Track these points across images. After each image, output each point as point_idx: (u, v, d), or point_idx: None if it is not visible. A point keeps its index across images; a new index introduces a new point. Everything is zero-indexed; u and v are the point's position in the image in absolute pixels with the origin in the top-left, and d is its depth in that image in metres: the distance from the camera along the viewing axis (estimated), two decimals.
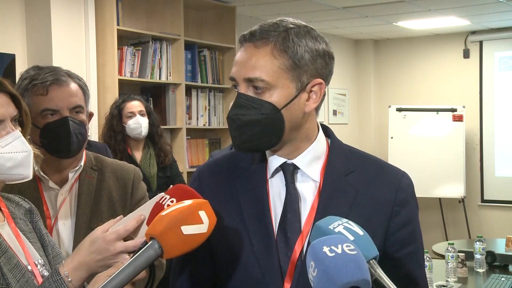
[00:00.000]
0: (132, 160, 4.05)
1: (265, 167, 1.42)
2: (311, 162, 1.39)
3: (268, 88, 1.31)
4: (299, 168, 1.39)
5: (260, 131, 1.32)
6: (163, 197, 1.34)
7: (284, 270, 1.34)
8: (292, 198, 1.37)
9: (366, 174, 1.40)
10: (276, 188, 1.40)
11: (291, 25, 1.34)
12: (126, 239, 1.40)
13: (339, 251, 1.02)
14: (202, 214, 1.20)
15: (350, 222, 1.14)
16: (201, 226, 1.19)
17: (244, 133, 1.33)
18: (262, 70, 1.31)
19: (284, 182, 1.39)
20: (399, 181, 1.40)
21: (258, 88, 1.32)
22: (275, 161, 1.40)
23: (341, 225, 1.13)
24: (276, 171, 1.41)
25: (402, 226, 1.37)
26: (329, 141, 1.45)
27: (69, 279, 1.37)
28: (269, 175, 1.41)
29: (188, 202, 1.22)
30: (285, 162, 1.39)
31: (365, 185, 1.38)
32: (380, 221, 1.35)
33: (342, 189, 1.37)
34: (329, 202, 1.36)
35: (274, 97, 1.32)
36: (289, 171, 1.39)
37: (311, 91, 1.35)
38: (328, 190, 1.37)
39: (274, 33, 1.32)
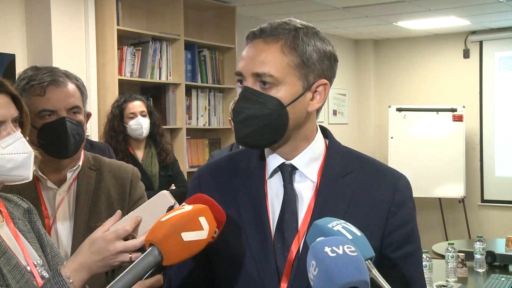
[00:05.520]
0: (133, 159, 4.08)
1: (263, 168, 1.43)
2: (309, 162, 1.40)
3: (276, 84, 1.32)
4: (297, 169, 1.40)
5: (264, 126, 1.33)
6: (183, 205, 1.32)
7: (281, 270, 1.34)
8: (289, 199, 1.38)
9: (363, 175, 1.41)
10: (275, 189, 1.41)
11: (300, 25, 1.36)
12: (127, 238, 1.40)
13: (340, 252, 1.04)
14: (203, 220, 1.20)
15: (348, 223, 1.15)
16: (201, 232, 1.18)
17: (248, 126, 1.34)
18: (271, 65, 1.32)
19: (282, 183, 1.40)
20: (396, 182, 1.41)
21: (265, 83, 1.32)
22: (273, 161, 1.41)
23: (339, 225, 1.14)
24: (274, 172, 1.41)
25: (399, 227, 1.37)
26: (327, 142, 1.46)
27: (71, 281, 1.37)
28: (267, 175, 1.42)
29: (188, 208, 1.21)
30: (284, 163, 1.40)
31: (363, 186, 1.39)
32: (377, 221, 1.36)
33: (339, 190, 1.38)
34: (326, 202, 1.36)
35: (281, 93, 1.33)
36: (287, 172, 1.40)
37: (315, 91, 1.37)
38: (325, 190, 1.38)
39: (284, 31, 1.34)
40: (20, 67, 4.16)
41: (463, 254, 3.80)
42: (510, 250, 4.23)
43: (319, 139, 1.43)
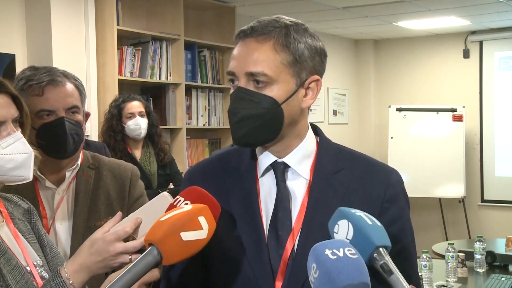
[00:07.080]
0: (132, 158, 4.09)
1: (255, 167, 1.43)
2: (301, 160, 1.40)
3: (270, 83, 1.32)
4: (289, 166, 1.40)
5: (260, 125, 1.33)
6: (177, 199, 1.33)
7: (275, 268, 1.34)
8: (283, 197, 1.38)
9: (355, 172, 1.41)
10: (267, 187, 1.41)
11: (289, 22, 1.36)
12: (127, 239, 1.40)
13: (340, 254, 1.04)
14: (202, 220, 1.19)
15: (369, 215, 1.17)
16: (200, 232, 1.18)
17: (244, 126, 1.34)
18: (264, 64, 1.32)
19: (275, 181, 1.40)
20: (388, 178, 1.41)
21: (259, 82, 1.33)
22: (265, 159, 1.41)
23: (361, 212, 1.16)
24: (266, 170, 1.41)
25: (392, 223, 1.36)
26: (318, 139, 1.46)
27: (71, 282, 1.37)
28: (259, 174, 1.42)
29: (187, 208, 1.21)
30: (276, 161, 1.40)
31: (355, 183, 1.39)
32: None
33: (331, 186, 1.38)
34: (319, 199, 1.37)
35: (275, 92, 1.33)
36: (280, 170, 1.40)
37: (308, 87, 1.38)
38: (317, 188, 1.38)
39: (275, 29, 1.34)
40: (20, 67, 4.15)
41: (463, 254, 3.80)
42: (510, 250, 4.23)
43: (311, 136, 1.44)
